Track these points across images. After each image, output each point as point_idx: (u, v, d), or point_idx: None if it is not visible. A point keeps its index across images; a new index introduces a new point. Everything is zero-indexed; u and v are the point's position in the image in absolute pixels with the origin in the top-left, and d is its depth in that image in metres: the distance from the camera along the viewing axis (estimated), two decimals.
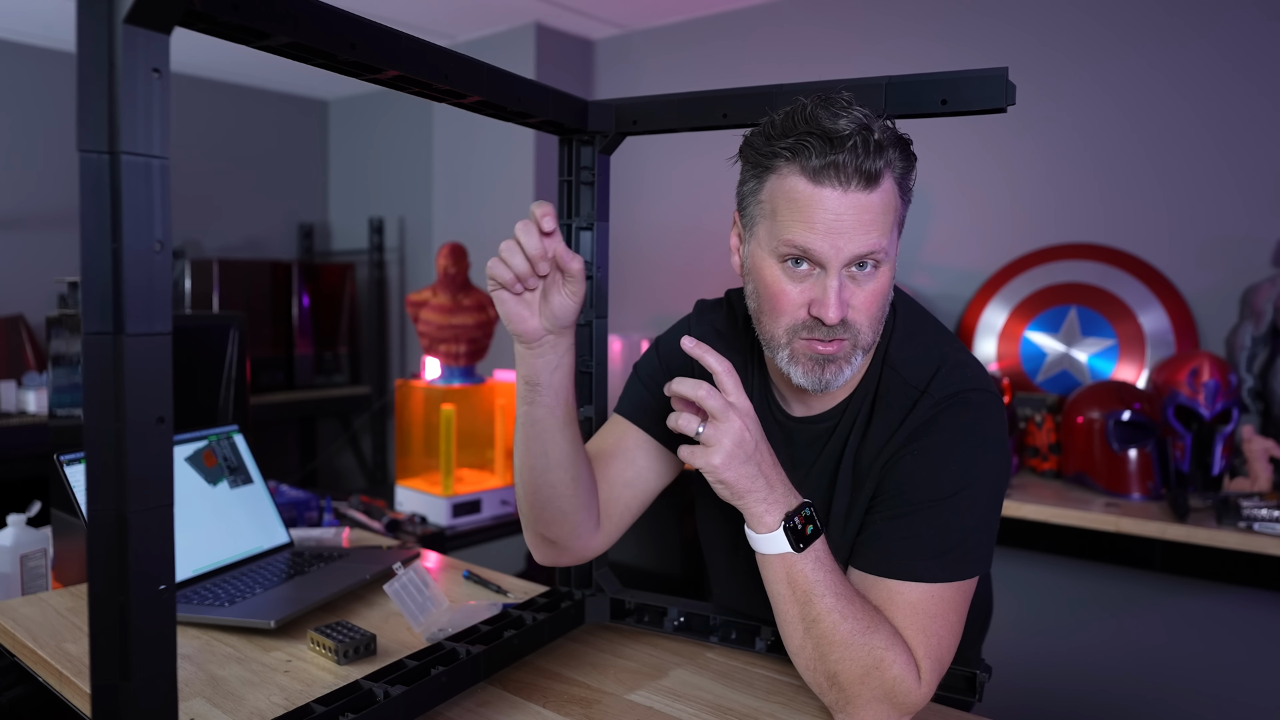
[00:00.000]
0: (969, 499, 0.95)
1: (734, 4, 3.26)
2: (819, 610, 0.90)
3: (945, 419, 0.97)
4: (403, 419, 2.58)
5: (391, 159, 4.50)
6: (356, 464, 4.52)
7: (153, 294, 0.63)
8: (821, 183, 0.90)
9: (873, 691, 0.90)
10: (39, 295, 3.70)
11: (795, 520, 0.90)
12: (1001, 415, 1.00)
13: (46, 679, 1.14)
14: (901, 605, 0.94)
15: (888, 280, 0.96)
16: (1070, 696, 2.51)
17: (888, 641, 0.90)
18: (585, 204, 1.21)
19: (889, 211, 0.93)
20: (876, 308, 0.95)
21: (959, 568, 0.94)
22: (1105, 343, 2.53)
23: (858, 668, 0.89)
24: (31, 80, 3.77)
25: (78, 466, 1.37)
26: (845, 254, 0.91)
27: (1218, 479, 2.14)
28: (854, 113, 0.90)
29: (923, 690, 0.92)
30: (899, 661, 0.90)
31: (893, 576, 0.94)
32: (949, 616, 0.94)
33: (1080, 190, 2.62)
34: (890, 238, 0.94)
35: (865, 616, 0.90)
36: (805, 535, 0.90)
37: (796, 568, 0.90)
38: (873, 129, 0.90)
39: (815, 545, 0.91)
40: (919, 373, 1.00)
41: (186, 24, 0.67)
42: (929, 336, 1.05)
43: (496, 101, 0.99)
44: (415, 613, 1.23)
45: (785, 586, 0.91)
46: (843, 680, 0.90)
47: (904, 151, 0.94)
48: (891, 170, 0.92)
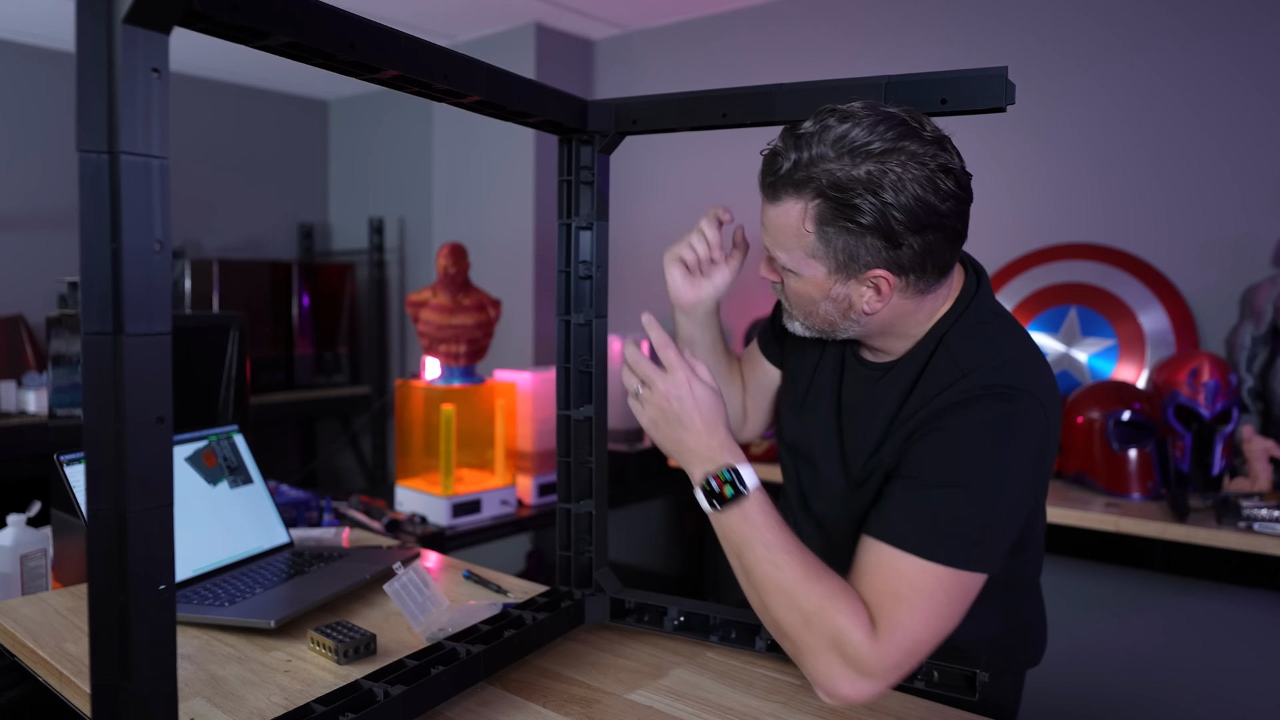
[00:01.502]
0: (986, 492, 0.94)
1: (734, 4, 3.26)
2: (750, 561, 0.97)
3: (978, 406, 0.96)
4: (403, 419, 2.58)
5: (391, 159, 4.50)
6: (356, 464, 4.52)
7: (152, 294, 0.63)
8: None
9: (818, 639, 0.92)
10: (39, 295, 3.70)
11: (712, 482, 0.98)
12: (1043, 424, 0.97)
13: (46, 679, 1.14)
14: (887, 570, 0.94)
15: (803, 291, 1.01)
16: (1070, 696, 2.51)
17: (829, 591, 0.93)
18: (585, 204, 1.21)
19: (787, 233, 0.97)
20: (795, 300, 1.04)
21: (959, 554, 0.92)
22: (1105, 343, 2.53)
23: (797, 615, 0.94)
24: (31, 80, 3.77)
25: (78, 466, 1.37)
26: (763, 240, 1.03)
27: (1218, 479, 2.14)
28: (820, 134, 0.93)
29: (878, 650, 0.90)
30: (843, 612, 0.92)
31: (889, 542, 0.94)
32: (935, 598, 0.92)
33: (1080, 190, 2.62)
34: (791, 257, 0.99)
35: (803, 568, 0.95)
36: (723, 497, 0.97)
37: (724, 523, 0.99)
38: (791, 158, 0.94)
39: (742, 504, 0.97)
40: (971, 359, 1.00)
41: (186, 24, 0.67)
42: (999, 332, 1.04)
43: (496, 101, 0.99)
44: (415, 613, 1.23)
45: (722, 540, 1.00)
46: (786, 628, 0.95)
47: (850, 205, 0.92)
48: (809, 202, 0.94)
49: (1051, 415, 0.99)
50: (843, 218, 0.93)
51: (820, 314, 1.03)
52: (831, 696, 0.93)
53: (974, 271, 1.10)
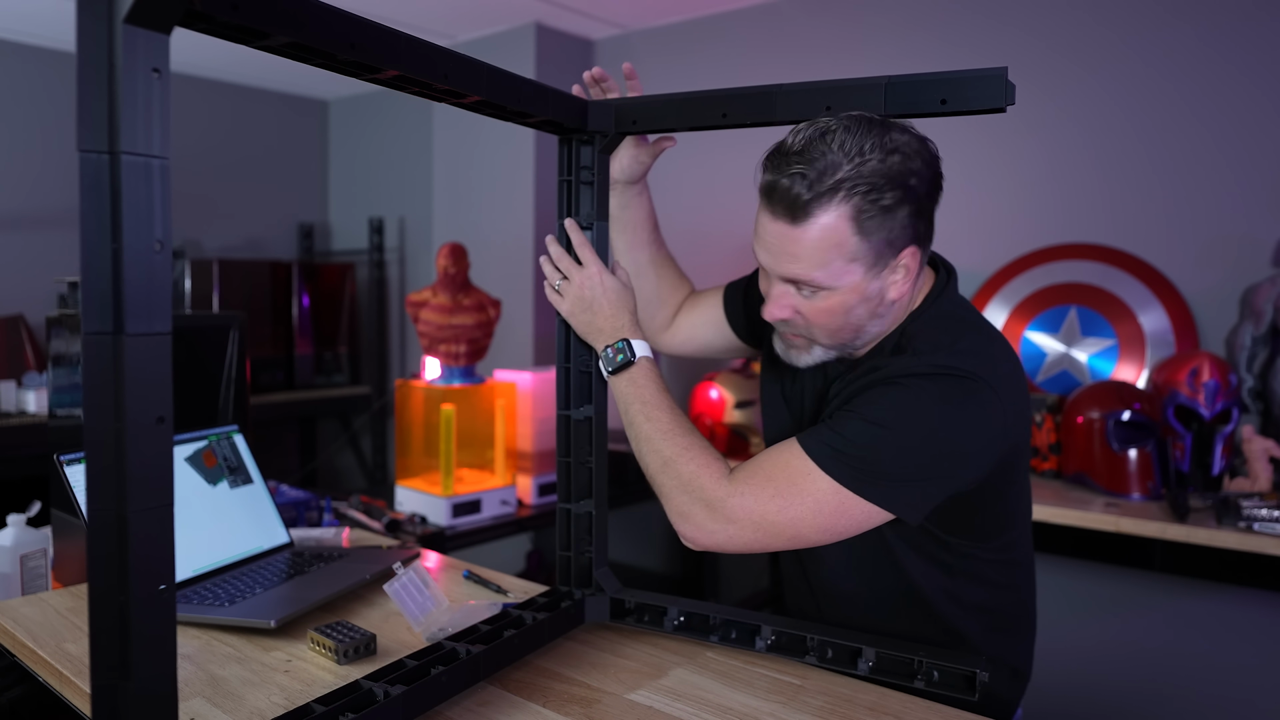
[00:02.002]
0: (906, 440, 0.98)
1: (734, 4, 3.26)
2: (631, 415, 1.12)
3: (927, 378, 1.00)
4: (403, 419, 2.58)
5: (391, 159, 4.50)
6: (356, 464, 4.52)
7: (153, 294, 0.63)
8: (763, 203, 1.03)
9: (673, 481, 1.06)
10: (39, 295, 3.70)
11: (609, 351, 1.15)
12: (992, 408, 1.00)
13: (46, 679, 1.14)
14: (775, 455, 1.03)
15: (838, 304, 1.03)
16: (1070, 696, 2.51)
17: (685, 444, 1.07)
18: (585, 204, 1.21)
19: (824, 248, 0.98)
20: (828, 321, 1.05)
21: (848, 474, 0.98)
22: (1105, 343, 2.53)
23: (659, 459, 1.08)
24: (31, 80, 3.77)
25: (78, 466, 1.38)
26: (775, 271, 1.04)
27: (1218, 479, 2.14)
28: (823, 151, 0.95)
29: (726, 494, 1.01)
30: (697, 460, 1.05)
31: (799, 440, 1.03)
32: (803, 497, 0.99)
33: (1080, 190, 2.62)
34: (829, 270, 1.00)
35: (670, 423, 1.09)
36: (616, 363, 1.14)
37: (616, 385, 1.15)
38: (814, 170, 0.95)
39: (630, 370, 1.14)
40: (924, 344, 1.05)
41: (186, 24, 0.67)
42: (957, 323, 1.08)
43: (496, 101, 0.99)
44: (415, 613, 1.23)
45: (617, 402, 1.16)
46: (651, 471, 1.09)
47: (879, 194, 0.96)
48: (843, 208, 0.96)
49: (1006, 401, 1.01)
50: (878, 207, 0.97)
51: (851, 324, 1.05)
52: (683, 535, 1.06)
53: (944, 270, 1.15)
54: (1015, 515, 1.15)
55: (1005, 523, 1.14)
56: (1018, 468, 1.11)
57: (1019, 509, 1.16)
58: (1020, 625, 1.21)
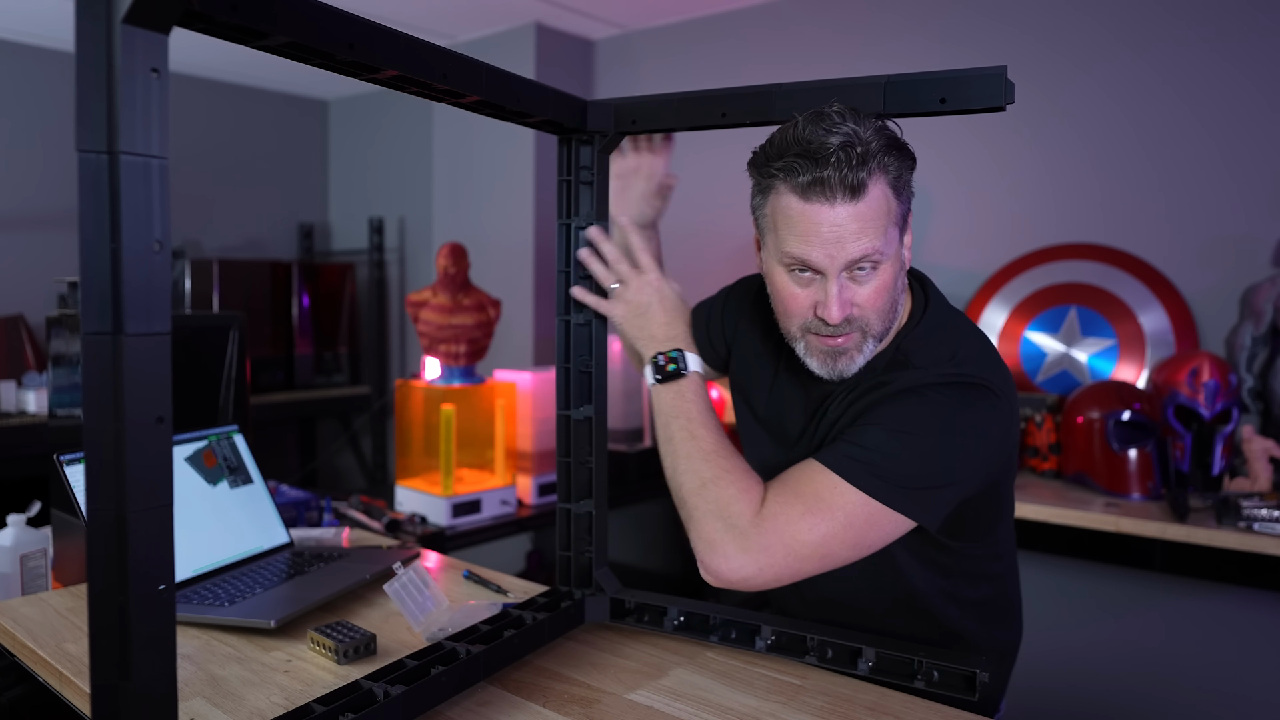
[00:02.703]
0: (927, 446, 0.99)
1: (734, 4, 3.26)
2: (673, 430, 1.09)
3: (934, 389, 1.02)
4: (403, 419, 2.58)
5: (391, 159, 4.50)
6: (356, 464, 4.52)
7: (152, 294, 0.63)
8: (810, 199, 0.98)
9: (708, 505, 1.01)
10: (39, 295, 3.70)
11: (660, 358, 1.12)
12: (998, 413, 1.03)
13: (46, 679, 1.14)
14: (801, 476, 1.01)
15: (890, 275, 1.02)
16: (1070, 696, 2.51)
17: (727, 467, 1.03)
18: (585, 204, 1.21)
19: (880, 215, 0.99)
20: (882, 300, 1.03)
21: (875, 484, 0.98)
22: (1105, 343, 2.53)
23: (695, 480, 1.04)
24: (31, 80, 3.77)
25: (78, 466, 1.37)
26: (839, 261, 1.00)
27: (1218, 479, 2.14)
28: (841, 127, 0.96)
29: (757, 524, 0.98)
30: (736, 484, 1.01)
31: (819, 459, 1.01)
32: (833, 514, 0.98)
33: (1080, 190, 2.62)
34: (886, 237, 1.00)
35: (714, 443, 1.05)
36: (666, 372, 1.11)
37: (660, 396, 1.11)
38: (856, 142, 0.95)
39: (679, 383, 1.11)
40: (924, 358, 1.06)
41: (185, 24, 0.67)
42: (949, 333, 1.10)
43: (496, 101, 0.99)
44: (415, 613, 1.23)
45: (657, 414, 1.12)
46: (684, 493, 1.05)
47: (898, 154, 0.99)
48: (883, 175, 0.98)
49: (1006, 406, 1.05)
50: (902, 167, 1.00)
51: (893, 300, 1.05)
52: (707, 568, 1.01)
53: (918, 282, 1.16)
54: (1005, 510, 1.18)
55: (997, 518, 1.16)
56: (1013, 465, 1.15)
57: (1008, 503, 1.19)
58: (1009, 613, 1.23)
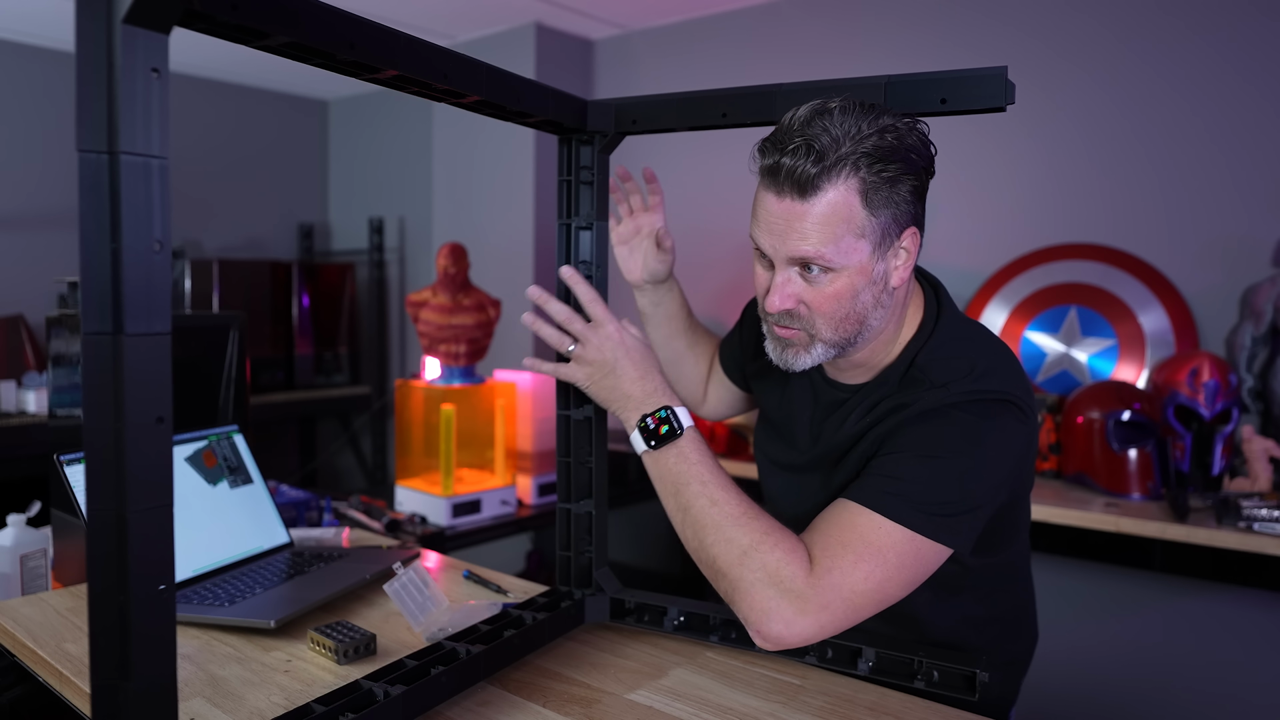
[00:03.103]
0: (960, 470, 0.96)
1: (734, 4, 3.26)
2: (687, 498, 0.99)
3: (960, 409, 0.99)
4: (403, 419, 2.58)
5: (391, 159, 4.50)
6: (356, 464, 4.52)
7: (152, 294, 0.63)
8: (766, 185, 0.98)
9: (755, 574, 0.93)
10: (39, 295, 3.70)
11: (648, 421, 1.03)
12: (1023, 429, 1.00)
13: (46, 679, 1.14)
14: (843, 521, 0.95)
15: (845, 286, 0.98)
16: (1070, 696, 2.51)
17: (768, 528, 0.95)
18: (585, 204, 1.21)
19: (834, 223, 0.95)
20: (831, 309, 1.00)
21: (918, 518, 0.94)
22: (1105, 343, 2.53)
23: (734, 550, 0.95)
24: (31, 80, 3.77)
25: (78, 466, 1.37)
26: (781, 254, 0.99)
27: (1218, 479, 2.14)
28: (826, 124, 0.93)
29: (814, 585, 0.91)
30: (780, 546, 0.94)
31: (853, 499, 0.97)
32: (883, 555, 0.93)
33: (1080, 190, 2.62)
34: (838, 246, 0.95)
35: (740, 504, 0.98)
36: (659, 435, 1.02)
37: (660, 462, 1.03)
38: (822, 141, 0.93)
39: (678, 443, 1.02)
40: (944, 374, 1.02)
41: (185, 24, 0.67)
42: (966, 346, 1.06)
43: (496, 101, 0.99)
44: (415, 613, 1.23)
45: (658, 481, 1.04)
46: (722, 564, 0.96)
47: (885, 165, 0.94)
48: (851, 181, 0.94)
49: (1029, 419, 1.02)
50: (882, 179, 0.95)
51: (856, 312, 1.00)
52: (764, 636, 0.93)
53: (930, 286, 1.13)
54: (1022, 523, 1.15)
55: (1014, 533, 1.13)
56: (1032, 476, 1.12)
57: (1025, 516, 1.16)
58: (1020, 624, 1.21)
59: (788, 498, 1.18)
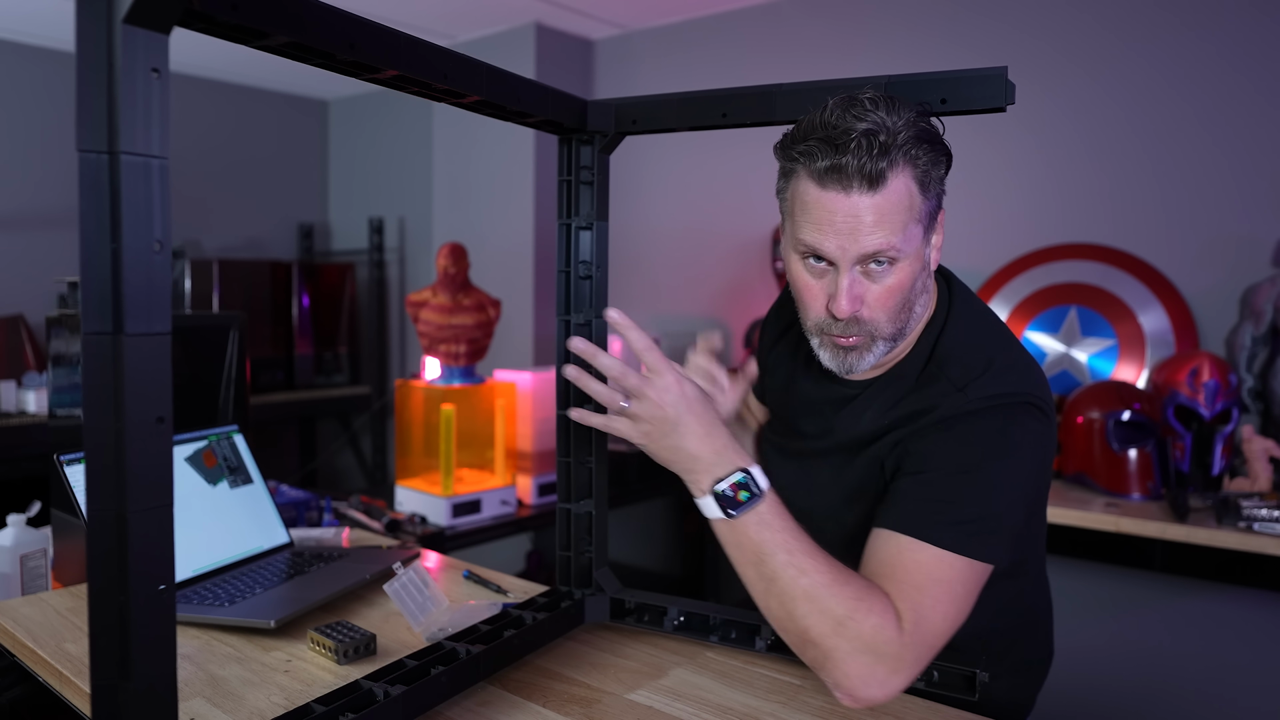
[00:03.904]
0: (992, 482, 0.95)
1: (734, 4, 3.26)
2: (773, 568, 0.92)
3: (983, 417, 0.98)
4: (403, 419, 2.58)
5: (391, 159, 4.50)
6: (356, 464, 4.52)
7: (152, 294, 0.63)
8: (826, 186, 0.95)
9: (851, 644, 0.89)
10: (39, 295, 3.70)
11: (725, 487, 0.93)
12: (1041, 424, 1.00)
13: (46, 679, 1.14)
14: (908, 563, 0.93)
15: (907, 274, 0.98)
16: (1070, 696, 2.51)
17: (859, 593, 0.90)
18: (585, 204, 1.20)
19: (900, 210, 0.94)
20: (893, 302, 0.98)
21: (975, 544, 0.93)
22: (1105, 343, 2.53)
23: (828, 621, 0.89)
24: (31, 80, 3.77)
25: (78, 466, 1.37)
26: (852, 254, 0.96)
27: (1218, 479, 2.14)
28: (870, 115, 0.93)
29: (907, 643, 0.90)
30: (874, 610, 0.89)
31: (907, 533, 0.94)
32: (953, 589, 0.93)
33: (1080, 190, 2.62)
34: (905, 234, 0.95)
35: (829, 571, 0.91)
36: (737, 502, 0.93)
37: (739, 530, 0.93)
38: (880, 131, 0.92)
39: (757, 508, 0.93)
40: (964, 373, 1.01)
41: (185, 24, 0.67)
42: (981, 335, 1.06)
43: (496, 101, 0.99)
44: (415, 613, 1.23)
45: (735, 549, 0.95)
46: (814, 635, 0.90)
47: (930, 148, 0.95)
48: (908, 167, 0.94)
49: (1049, 416, 1.01)
50: (931, 160, 0.95)
51: (909, 301, 1.00)
52: (857, 700, 0.91)
53: (942, 277, 1.12)
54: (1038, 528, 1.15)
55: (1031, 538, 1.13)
56: (1050, 477, 1.11)
57: (1041, 520, 1.16)
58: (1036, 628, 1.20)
59: (798, 488, 1.13)
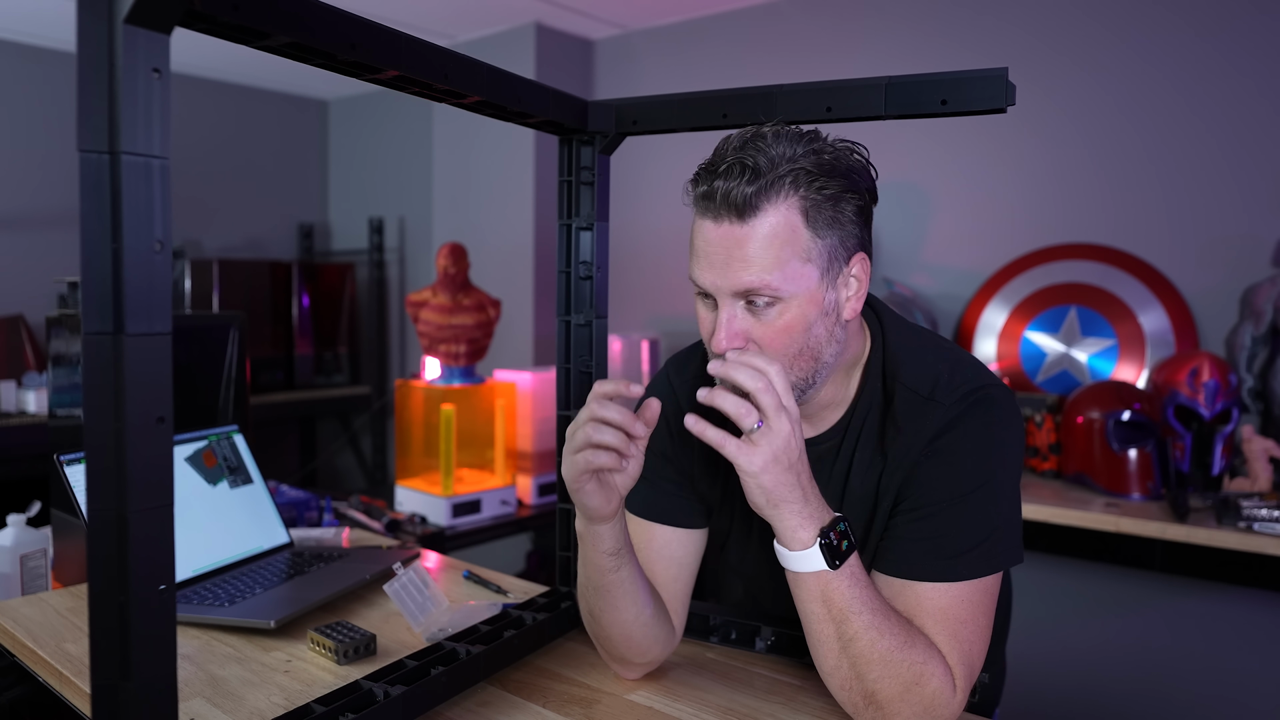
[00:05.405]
0: (990, 493, 0.96)
1: (734, 4, 3.26)
2: (856, 629, 0.88)
3: (959, 422, 0.98)
4: (403, 419, 2.58)
5: (391, 159, 4.50)
6: (356, 464, 4.52)
7: (153, 294, 0.63)
8: (703, 214, 0.93)
9: (912, 708, 0.89)
10: (39, 295, 3.70)
11: (831, 536, 0.88)
12: (1009, 405, 1.01)
13: (46, 679, 1.14)
14: (931, 610, 0.93)
15: (797, 319, 0.91)
16: (1070, 696, 2.51)
17: (925, 655, 0.90)
18: (585, 204, 1.21)
19: (776, 245, 0.89)
20: (782, 344, 0.92)
21: (984, 563, 0.94)
22: (1105, 343, 2.53)
23: (897, 685, 0.88)
24: (31, 80, 3.77)
25: (78, 466, 1.37)
26: (724, 288, 0.91)
27: (1218, 479, 2.14)
28: (763, 147, 0.90)
29: (958, 699, 0.92)
30: (938, 674, 0.89)
31: (919, 579, 0.94)
32: (978, 619, 0.94)
33: (1080, 190, 2.62)
34: (784, 272, 0.89)
35: (901, 631, 0.89)
36: (841, 552, 0.88)
37: (832, 586, 0.88)
38: (759, 158, 0.89)
39: (850, 562, 0.89)
40: (924, 382, 1.00)
41: (186, 24, 0.67)
42: (919, 342, 1.05)
43: (496, 101, 0.99)
44: (415, 613, 1.23)
45: (820, 605, 0.90)
46: (881, 698, 0.89)
47: (827, 181, 0.90)
48: (791, 199, 0.89)
49: (1011, 394, 1.03)
50: (826, 201, 0.91)
51: (810, 346, 0.94)
52: None
53: (870, 308, 1.08)
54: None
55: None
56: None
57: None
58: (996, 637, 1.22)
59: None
